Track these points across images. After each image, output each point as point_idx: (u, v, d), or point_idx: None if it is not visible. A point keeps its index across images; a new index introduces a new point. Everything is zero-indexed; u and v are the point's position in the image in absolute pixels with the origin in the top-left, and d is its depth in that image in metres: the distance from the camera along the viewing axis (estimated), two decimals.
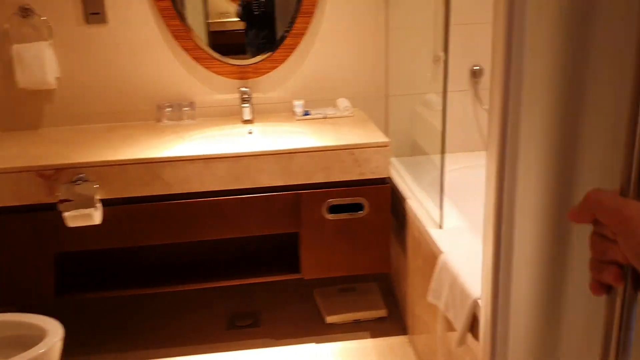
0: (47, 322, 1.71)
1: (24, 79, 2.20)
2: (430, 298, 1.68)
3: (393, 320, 2.29)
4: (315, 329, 2.26)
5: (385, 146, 2.03)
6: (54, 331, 1.66)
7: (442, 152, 1.76)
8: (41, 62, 2.19)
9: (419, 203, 2.02)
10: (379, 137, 2.06)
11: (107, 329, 2.32)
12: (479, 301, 1.40)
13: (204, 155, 1.96)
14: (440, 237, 1.73)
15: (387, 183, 2.07)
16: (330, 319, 2.28)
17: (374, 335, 2.21)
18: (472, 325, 1.44)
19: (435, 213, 1.86)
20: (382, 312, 2.30)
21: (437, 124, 2.31)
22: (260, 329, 2.29)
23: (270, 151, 1.98)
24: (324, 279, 2.56)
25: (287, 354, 2.13)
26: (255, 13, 2.39)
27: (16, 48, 2.18)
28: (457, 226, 1.82)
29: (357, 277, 2.56)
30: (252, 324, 2.33)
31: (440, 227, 1.81)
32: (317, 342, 2.19)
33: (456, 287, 1.51)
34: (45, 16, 2.23)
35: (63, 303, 2.10)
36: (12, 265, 1.98)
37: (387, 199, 2.07)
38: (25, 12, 2.21)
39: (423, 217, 1.90)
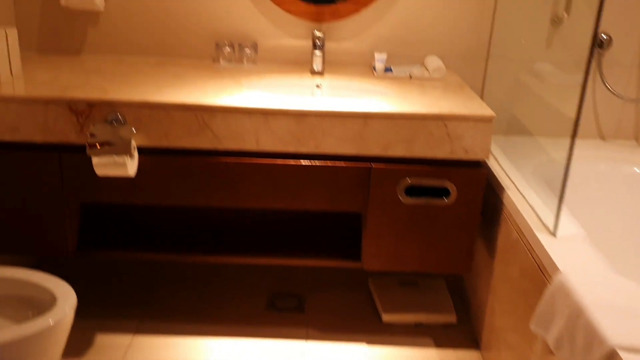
0: (59, 286, 1.43)
1: None
2: (533, 326, 1.30)
3: (463, 329, 1.93)
4: (368, 327, 1.93)
5: (488, 121, 1.62)
6: (64, 299, 1.38)
7: (573, 136, 1.35)
8: None
9: (521, 196, 1.62)
10: (480, 109, 1.66)
11: (129, 295, 2.05)
12: (620, 352, 1.02)
13: (263, 108, 1.61)
14: (554, 249, 1.33)
15: (483, 167, 1.68)
16: (387, 318, 1.94)
17: (439, 344, 1.85)
18: None
19: (546, 215, 1.46)
20: (450, 317, 1.93)
21: (550, 99, 1.88)
22: (304, 316, 1.98)
23: (342, 112, 1.61)
24: None
25: (333, 351, 1.81)
26: None
27: None
28: (573, 234, 1.41)
29: None
30: (295, 308, 2.02)
31: (554, 234, 1.40)
32: (370, 342, 1.86)
33: (579, 323, 1.12)
34: None
35: (85, 258, 1.83)
36: (33, 210, 1.72)
37: (480, 186, 1.67)
38: None
39: (528, 216, 1.50)
